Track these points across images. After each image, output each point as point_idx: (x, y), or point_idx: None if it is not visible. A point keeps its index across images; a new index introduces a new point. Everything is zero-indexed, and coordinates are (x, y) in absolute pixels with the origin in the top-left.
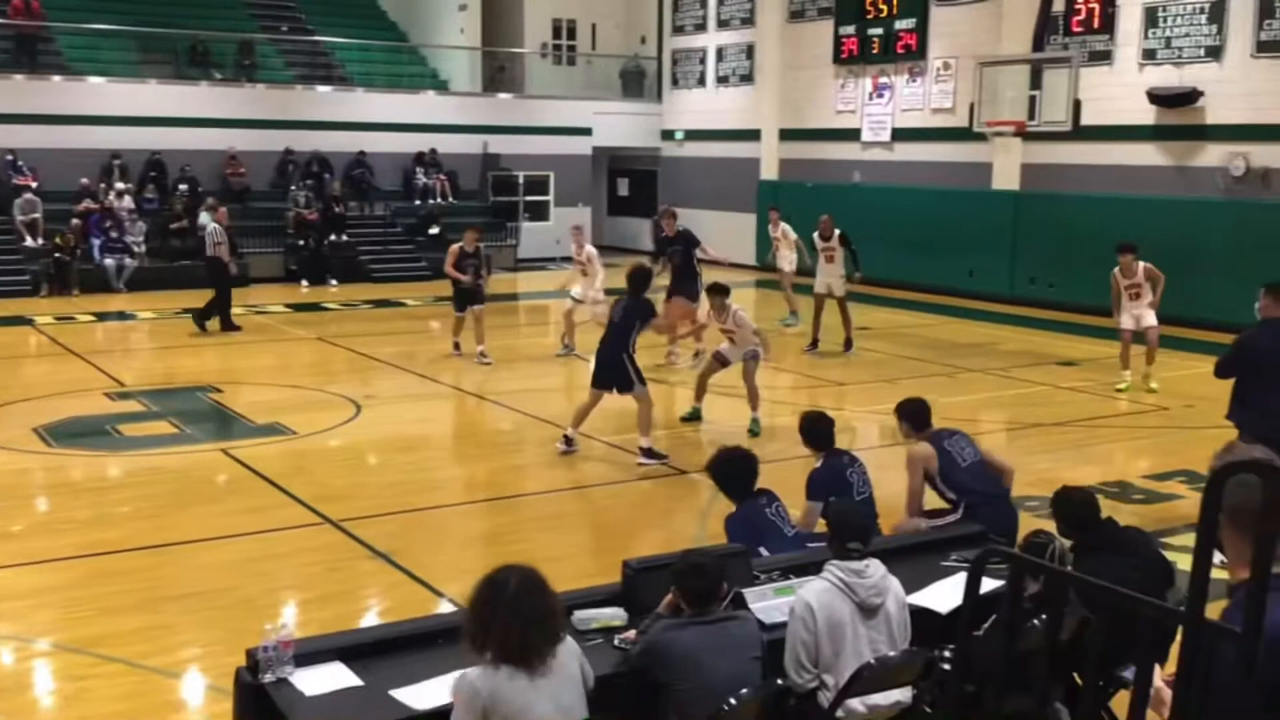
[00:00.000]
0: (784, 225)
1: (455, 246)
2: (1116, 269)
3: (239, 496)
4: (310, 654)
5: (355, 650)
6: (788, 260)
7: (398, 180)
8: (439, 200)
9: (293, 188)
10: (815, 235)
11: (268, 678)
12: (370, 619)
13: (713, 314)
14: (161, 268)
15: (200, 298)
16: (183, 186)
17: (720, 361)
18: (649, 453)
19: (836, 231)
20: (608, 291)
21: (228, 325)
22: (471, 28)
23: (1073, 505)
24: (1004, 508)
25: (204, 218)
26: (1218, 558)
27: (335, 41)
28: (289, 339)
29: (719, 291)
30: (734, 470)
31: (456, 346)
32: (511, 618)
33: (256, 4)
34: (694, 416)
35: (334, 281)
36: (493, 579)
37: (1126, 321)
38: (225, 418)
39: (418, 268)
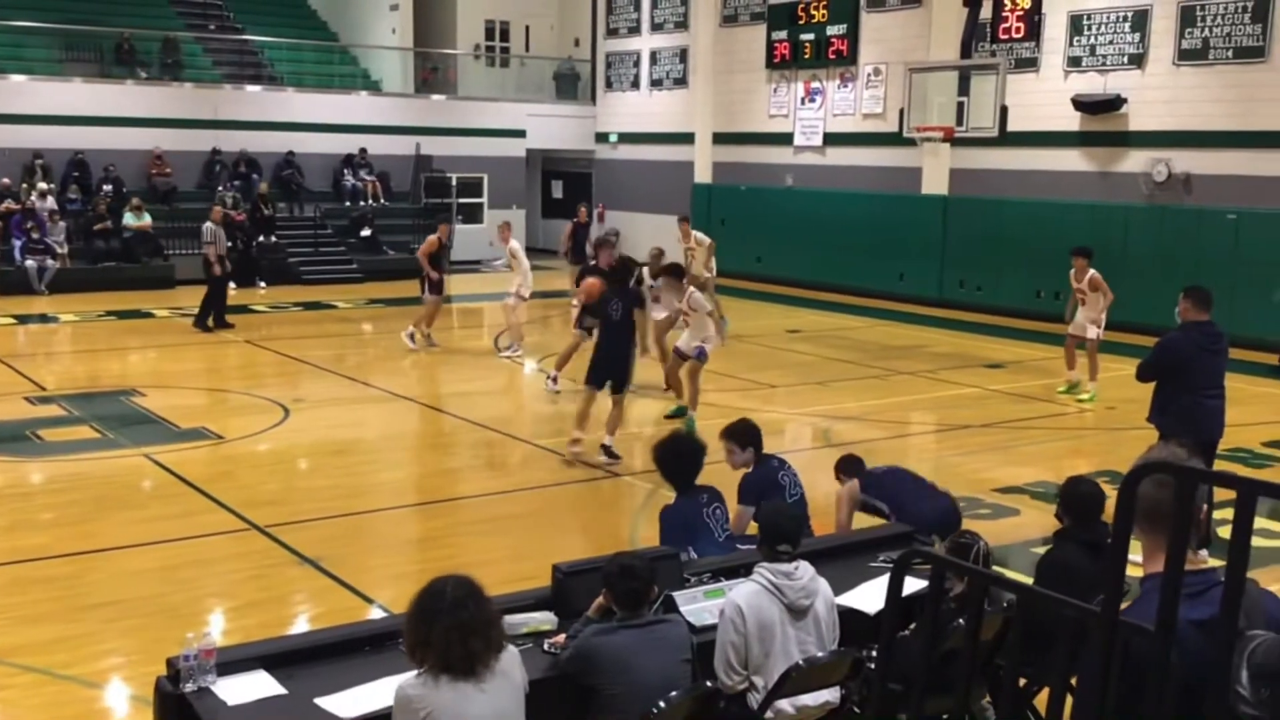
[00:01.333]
0: (696, 234)
1: (434, 238)
2: (1071, 271)
3: (163, 502)
4: (233, 662)
5: (279, 658)
6: (707, 267)
7: (328, 181)
8: (370, 202)
9: (220, 188)
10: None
11: (189, 687)
12: (297, 626)
13: (666, 293)
14: (84, 269)
15: (121, 300)
16: (107, 187)
17: (681, 356)
18: (610, 451)
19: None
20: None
21: (220, 323)
22: (403, 28)
23: (1077, 494)
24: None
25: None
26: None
27: (264, 40)
28: (216, 342)
29: (675, 273)
30: (679, 459)
31: (429, 338)
32: (450, 627)
33: (183, 2)
34: (680, 413)
35: (263, 284)
36: (430, 589)
37: (1072, 326)
38: (149, 422)
39: (349, 270)
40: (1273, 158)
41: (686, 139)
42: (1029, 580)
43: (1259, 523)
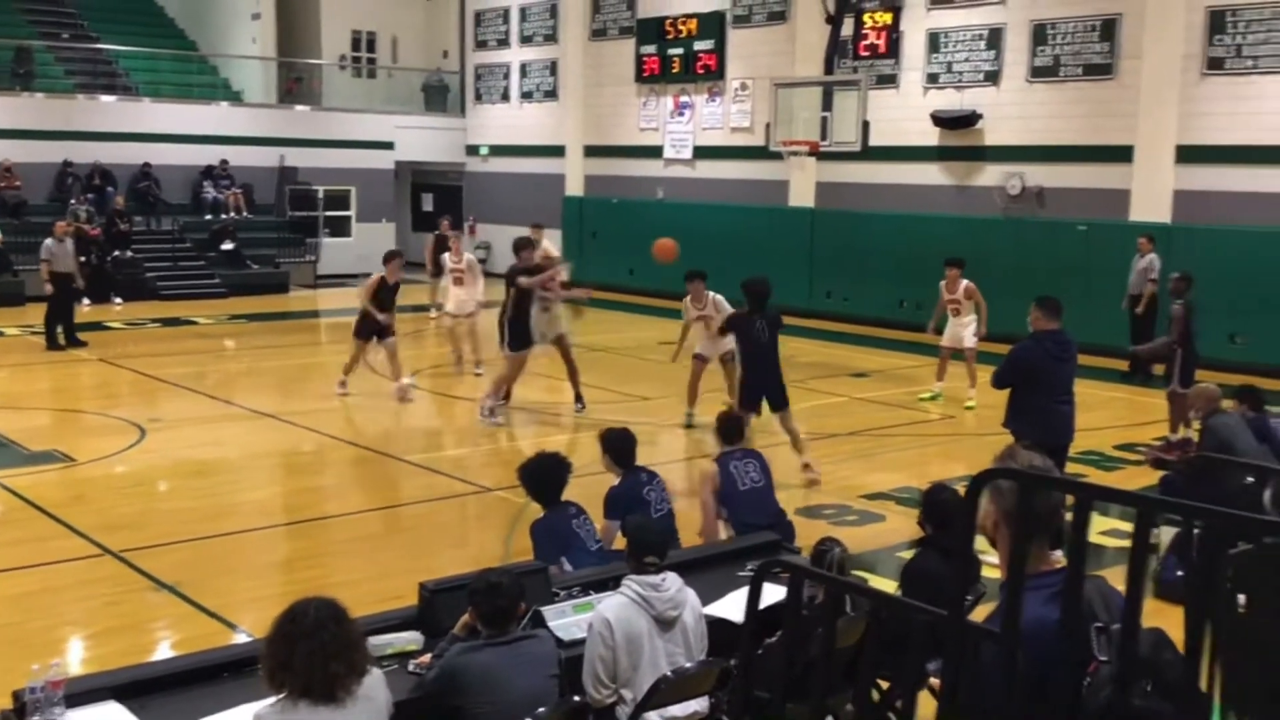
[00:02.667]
0: (546, 244)
1: (376, 277)
2: (942, 282)
3: (11, 528)
4: (83, 693)
5: (133, 688)
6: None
7: (187, 194)
8: (232, 214)
9: (73, 201)
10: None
11: None
12: (155, 655)
13: (691, 301)
14: None
15: None
16: None
17: (702, 360)
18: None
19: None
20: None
21: (72, 340)
22: (265, 37)
23: (937, 502)
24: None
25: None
26: (994, 558)
27: (119, 50)
28: (69, 360)
29: (697, 277)
30: (544, 475)
31: (343, 384)
32: (311, 651)
33: (34, 9)
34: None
35: (118, 299)
36: (291, 612)
37: (945, 338)
38: None
39: (210, 285)
40: (1121, 171)
41: (557, 152)
42: (893, 585)
43: (1112, 524)
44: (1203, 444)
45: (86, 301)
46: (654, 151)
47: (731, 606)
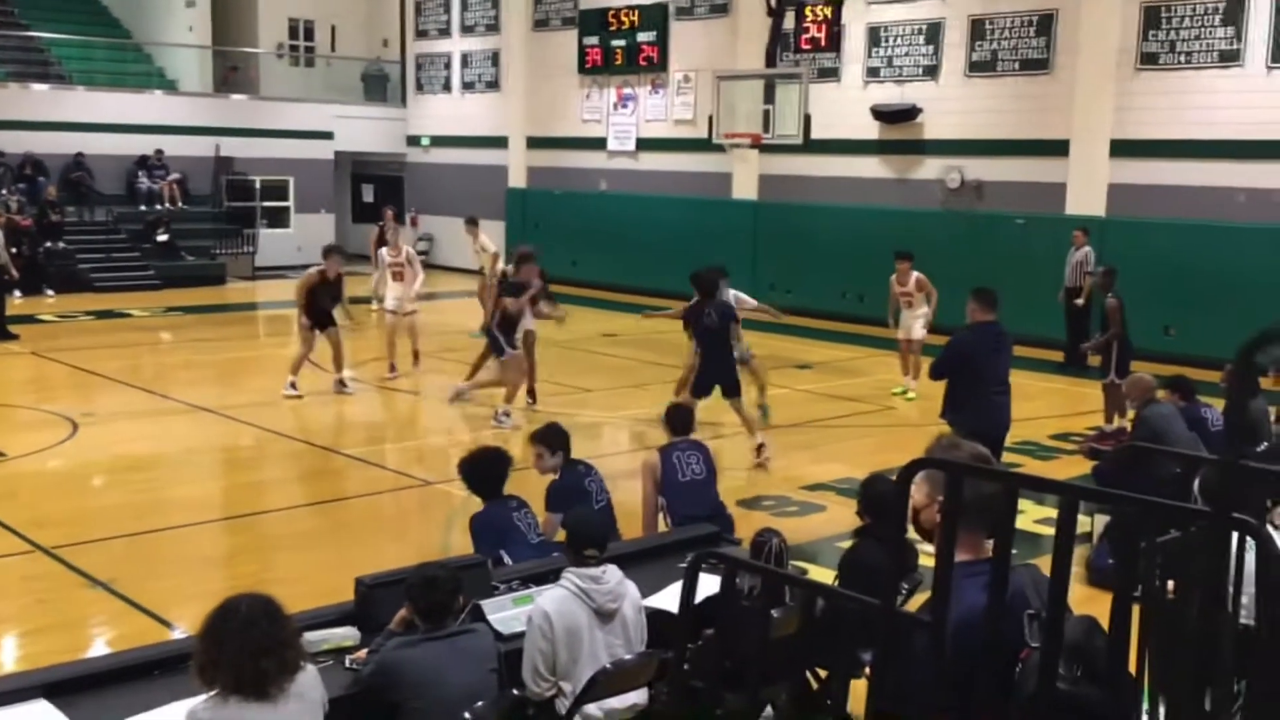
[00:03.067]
0: (483, 238)
1: (315, 273)
2: (893, 275)
3: None
4: (11, 692)
5: (63, 686)
6: (490, 269)
7: (121, 184)
8: (167, 205)
9: (3, 191)
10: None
11: None
12: (89, 653)
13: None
14: None
15: None
16: None
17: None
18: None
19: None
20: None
21: (2, 334)
22: (201, 25)
23: (874, 493)
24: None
25: None
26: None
27: (51, 37)
28: None
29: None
30: (484, 469)
31: (293, 385)
32: (241, 648)
33: None
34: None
35: (50, 292)
36: (223, 608)
37: (900, 330)
38: None
39: (144, 276)
40: (1057, 165)
41: (500, 143)
42: (833, 576)
43: (1048, 513)
44: (1136, 433)
45: (18, 293)
46: (597, 143)
47: (671, 598)
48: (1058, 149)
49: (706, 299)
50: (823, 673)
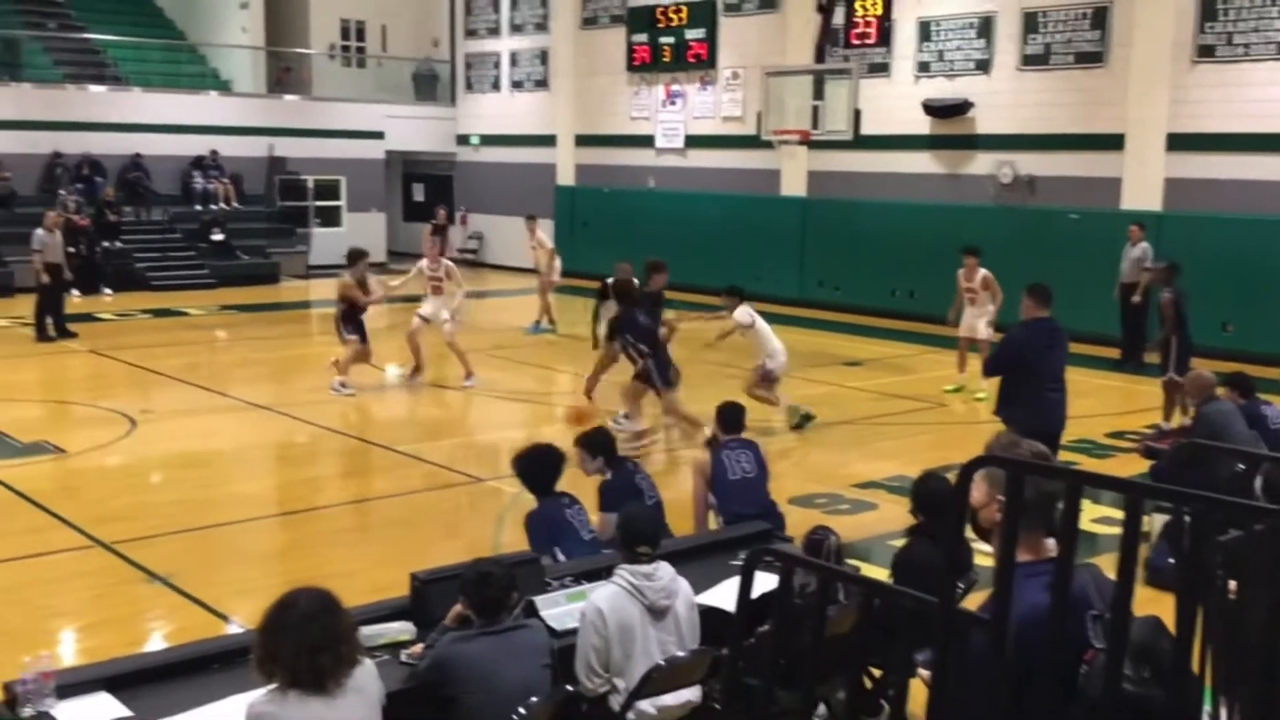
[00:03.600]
0: (540, 234)
1: (350, 283)
2: (960, 270)
3: (2, 520)
4: (74, 685)
5: (123, 679)
6: (545, 265)
7: (176, 184)
8: (222, 205)
9: (61, 192)
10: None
11: (27, 711)
12: (147, 646)
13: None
14: None
15: None
16: None
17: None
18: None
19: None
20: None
21: (62, 332)
22: (254, 27)
23: (927, 491)
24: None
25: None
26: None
27: (108, 39)
28: (59, 351)
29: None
30: (539, 466)
31: (343, 385)
32: (299, 642)
33: (22, 1)
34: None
35: (108, 290)
36: (281, 602)
37: (962, 328)
38: None
39: (200, 275)
40: (1112, 159)
41: (548, 141)
42: (885, 574)
43: (1104, 511)
44: (1195, 431)
45: (76, 293)
46: (645, 140)
47: (723, 595)
48: (1112, 143)
49: (634, 303)
50: (876, 671)
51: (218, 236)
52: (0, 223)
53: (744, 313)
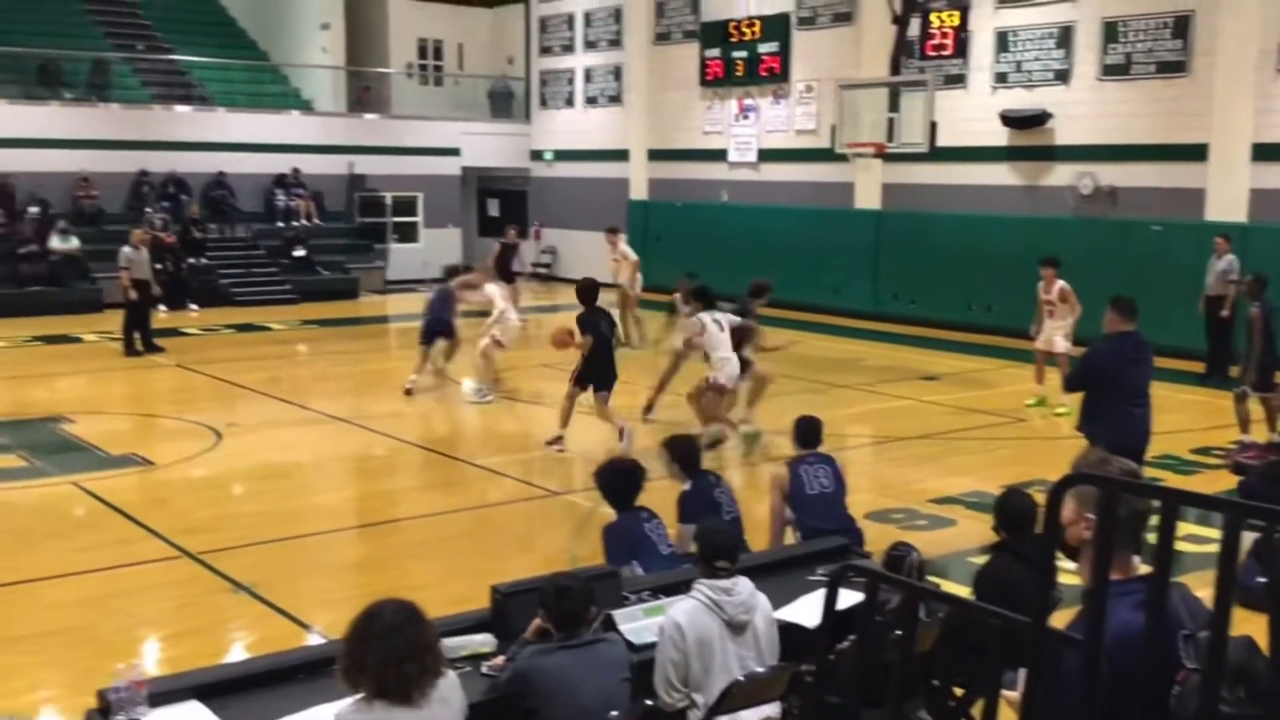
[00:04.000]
0: (623, 246)
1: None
2: (1040, 282)
3: (91, 531)
4: (165, 693)
5: (213, 688)
6: (629, 279)
7: (259, 202)
8: (303, 222)
9: (148, 210)
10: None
11: (120, 719)
12: (232, 655)
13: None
14: (10, 294)
15: (48, 325)
16: (32, 209)
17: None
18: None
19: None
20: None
21: (149, 346)
22: (335, 47)
23: (1011, 507)
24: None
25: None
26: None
27: (193, 60)
28: (146, 366)
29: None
30: (620, 480)
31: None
32: (385, 652)
33: (110, 22)
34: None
35: (194, 306)
36: (367, 613)
37: (1039, 341)
38: (78, 449)
39: (282, 290)
40: (1195, 170)
41: (622, 156)
42: (966, 590)
43: (1190, 529)
44: None
45: (163, 308)
46: (718, 155)
47: (802, 611)
48: (1195, 153)
49: (594, 307)
50: (958, 690)
51: (299, 253)
52: (89, 240)
53: (694, 323)
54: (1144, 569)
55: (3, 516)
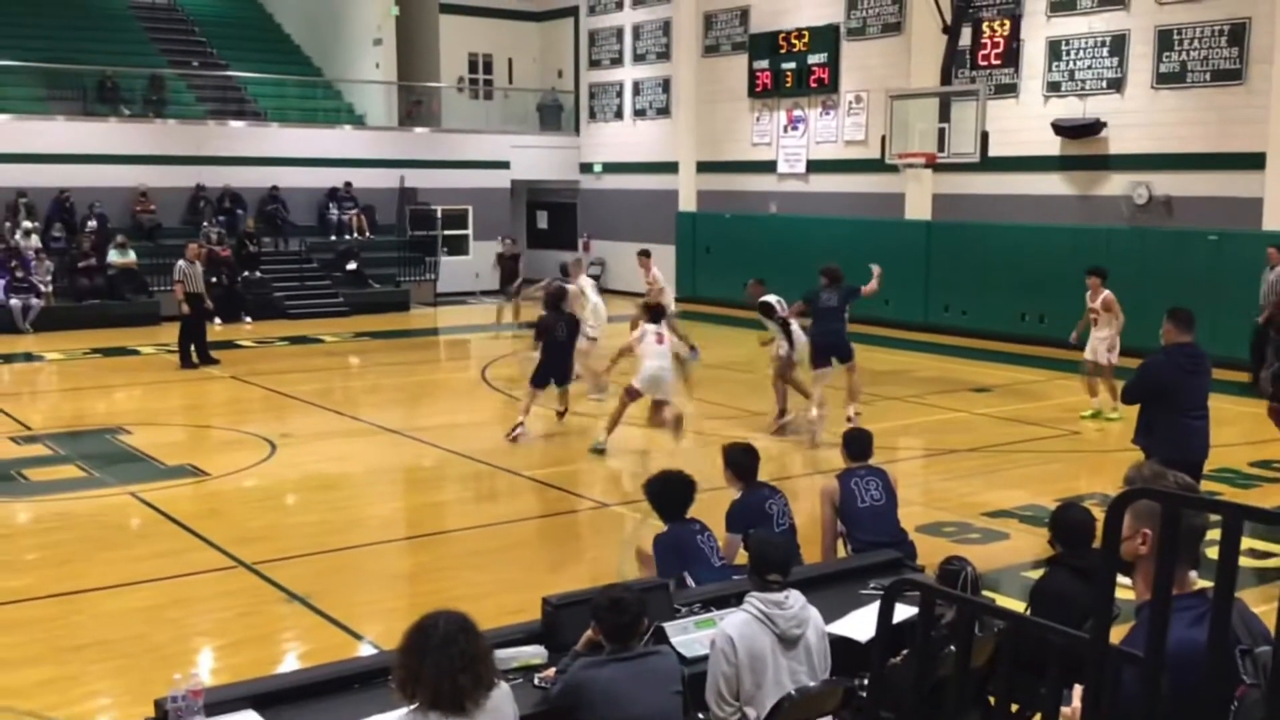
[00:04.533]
0: (655, 270)
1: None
2: (1087, 292)
3: (149, 541)
4: (222, 702)
5: (269, 697)
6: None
7: (312, 215)
8: (356, 235)
9: (205, 224)
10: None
11: None
12: (287, 664)
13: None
14: (69, 307)
15: (106, 338)
16: (91, 224)
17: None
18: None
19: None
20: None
21: (204, 359)
22: (387, 62)
23: (1067, 521)
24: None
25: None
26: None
27: (247, 76)
28: (202, 378)
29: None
30: (670, 491)
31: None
32: (440, 663)
33: (166, 39)
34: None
35: (248, 319)
36: (421, 624)
37: (1086, 351)
38: (135, 460)
39: (334, 303)
40: (1252, 179)
41: (670, 168)
42: (1020, 605)
43: (1247, 543)
44: None
45: (219, 321)
46: (767, 166)
47: (854, 625)
48: (1253, 162)
49: (558, 311)
50: (1014, 706)
51: (351, 266)
52: (146, 254)
53: (639, 333)
54: (1201, 584)
55: (62, 526)
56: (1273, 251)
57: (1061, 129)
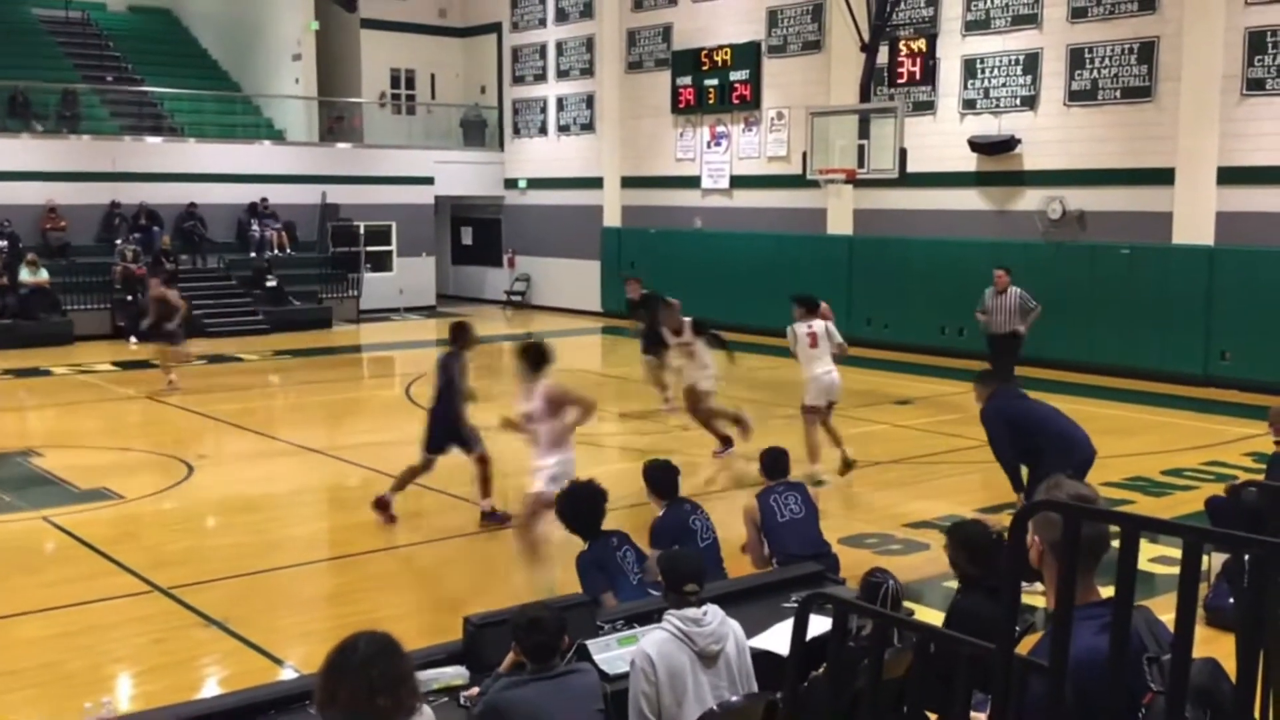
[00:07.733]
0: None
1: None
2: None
3: (61, 566)
4: None
5: None
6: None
7: (231, 232)
8: (275, 251)
9: (119, 241)
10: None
11: None
12: (204, 691)
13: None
14: None
15: (18, 358)
16: (1, 243)
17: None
18: (491, 515)
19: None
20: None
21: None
22: (307, 77)
23: (969, 543)
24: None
25: None
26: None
27: (164, 92)
28: (116, 398)
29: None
30: (578, 508)
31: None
32: (358, 685)
33: (80, 54)
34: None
35: (134, 339)
36: (343, 645)
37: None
38: (47, 483)
39: (254, 321)
40: (1161, 194)
41: (595, 183)
42: (940, 617)
43: (1161, 550)
44: (1271, 472)
45: (133, 339)
46: (691, 181)
47: (776, 639)
48: (1163, 177)
49: (464, 348)
50: (931, 716)
51: (271, 283)
52: (59, 272)
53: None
54: (1107, 592)
55: None
56: (1000, 274)
57: (978, 145)
